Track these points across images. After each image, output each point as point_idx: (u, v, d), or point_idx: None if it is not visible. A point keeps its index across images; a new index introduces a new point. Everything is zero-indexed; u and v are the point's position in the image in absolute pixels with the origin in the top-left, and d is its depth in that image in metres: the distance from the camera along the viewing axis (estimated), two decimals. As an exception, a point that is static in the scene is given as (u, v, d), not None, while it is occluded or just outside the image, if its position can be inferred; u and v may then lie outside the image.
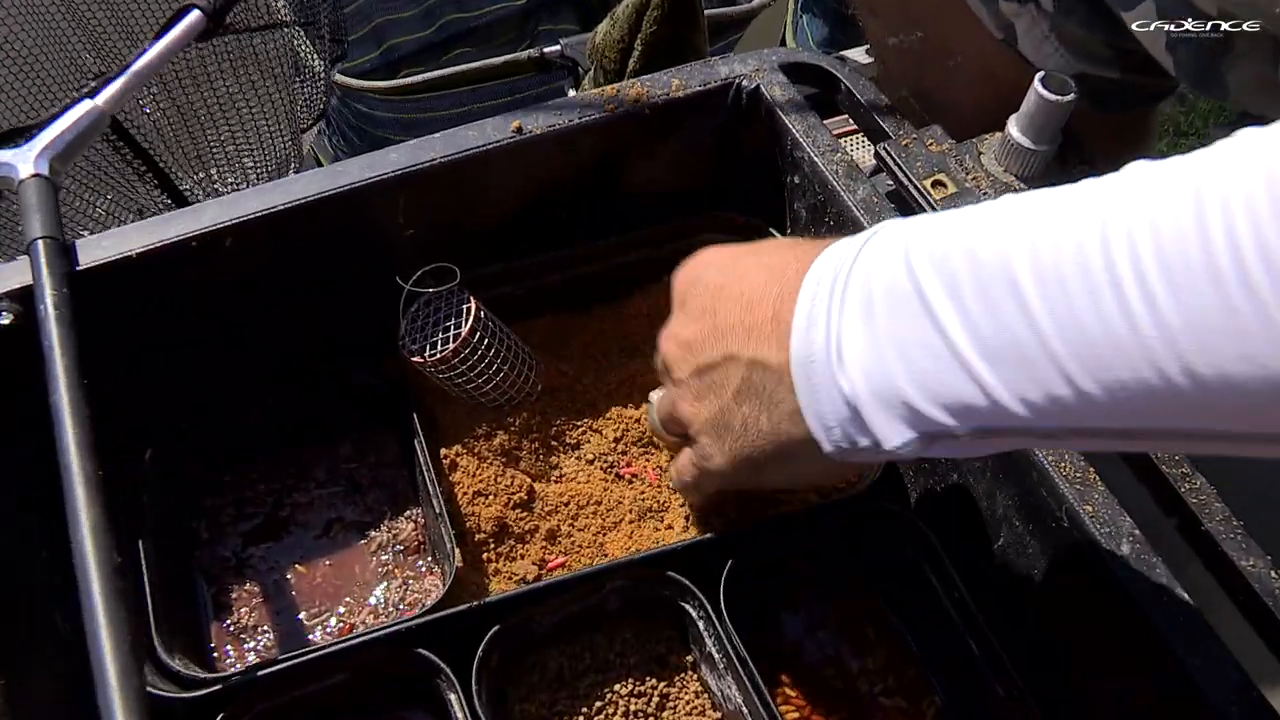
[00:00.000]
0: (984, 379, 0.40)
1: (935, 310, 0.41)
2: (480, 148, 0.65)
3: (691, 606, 0.62)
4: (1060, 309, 0.37)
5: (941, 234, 0.42)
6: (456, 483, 0.68)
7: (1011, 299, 0.38)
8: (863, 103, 0.68)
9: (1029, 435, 0.41)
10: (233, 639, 0.66)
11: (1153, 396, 0.35)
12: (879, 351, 0.43)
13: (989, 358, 0.40)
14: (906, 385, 0.42)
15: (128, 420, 0.67)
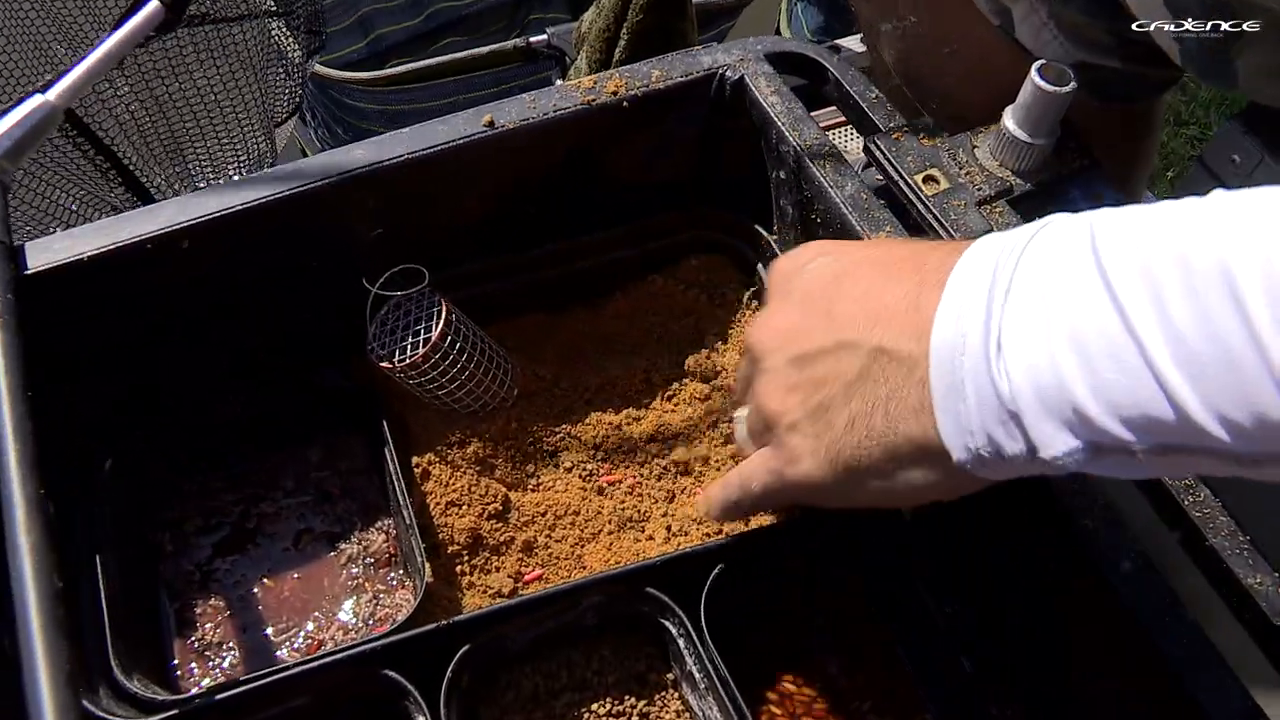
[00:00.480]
0: (1180, 393, 0.36)
1: (1129, 311, 0.36)
2: (450, 143, 0.62)
3: (671, 623, 0.59)
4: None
5: (1140, 229, 0.38)
6: (429, 492, 0.65)
7: (1231, 307, 0.34)
8: (852, 94, 0.65)
9: (1214, 457, 0.37)
10: (197, 656, 0.64)
11: None
12: (1051, 349, 0.38)
13: (1190, 369, 0.35)
14: (1081, 389, 0.37)
15: (85, 428, 0.64)
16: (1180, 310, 0.35)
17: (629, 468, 0.68)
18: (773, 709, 0.63)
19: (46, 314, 0.56)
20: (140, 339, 0.63)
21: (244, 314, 0.65)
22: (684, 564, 0.59)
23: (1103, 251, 0.38)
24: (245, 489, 0.69)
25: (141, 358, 0.63)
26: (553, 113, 0.64)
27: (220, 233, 0.60)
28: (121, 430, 0.65)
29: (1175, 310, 0.35)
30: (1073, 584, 0.55)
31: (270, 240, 0.62)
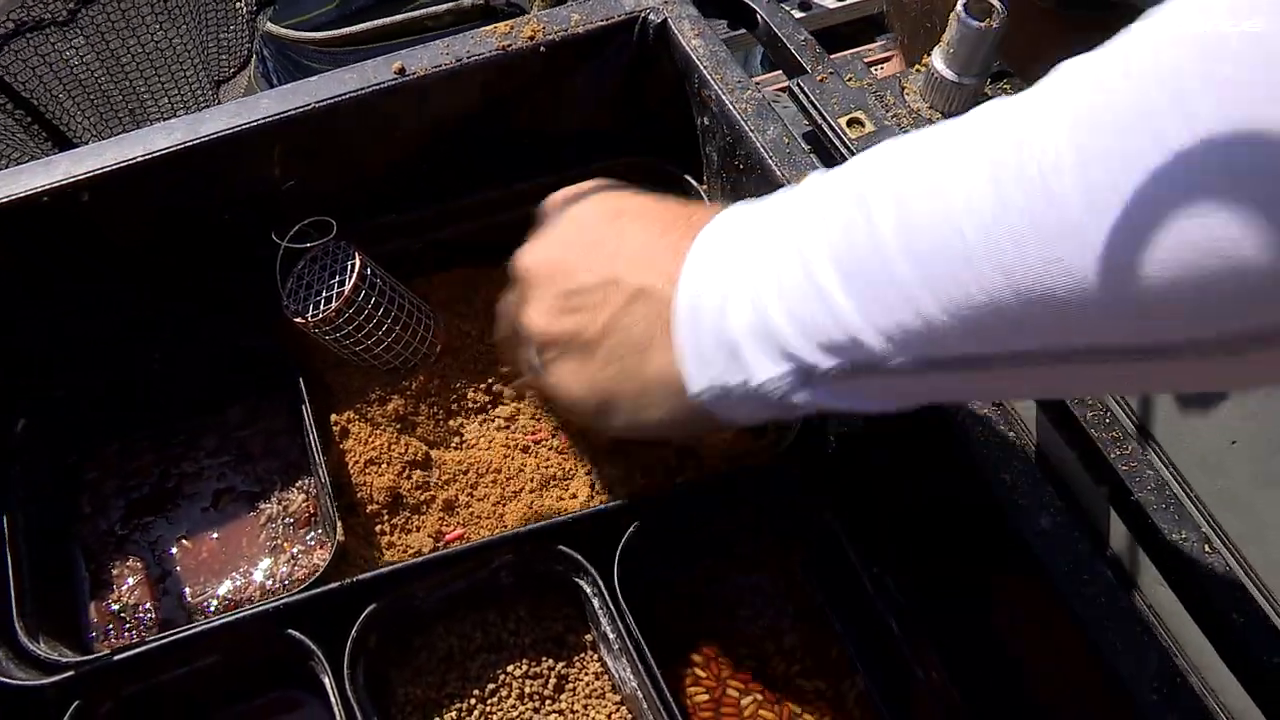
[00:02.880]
0: (845, 312, 0.39)
1: (804, 250, 0.40)
2: (358, 91, 0.60)
3: (585, 583, 0.58)
4: (912, 236, 0.36)
5: (835, 173, 0.41)
6: (348, 451, 0.64)
7: (864, 224, 0.38)
8: (780, 36, 0.63)
9: (891, 375, 0.39)
10: (114, 618, 0.63)
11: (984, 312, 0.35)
12: (761, 291, 0.42)
13: (853, 293, 0.39)
14: (780, 321, 0.41)
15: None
16: (834, 229, 0.39)
17: (553, 424, 0.66)
18: (698, 671, 0.61)
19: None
20: (46, 297, 0.62)
21: (157, 270, 0.64)
22: (597, 522, 0.58)
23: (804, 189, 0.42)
24: (166, 449, 0.67)
25: (49, 317, 0.62)
26: (466, 59, 0.62)
27: (122, 184, 0.58)
28: (34, 391, 0.64)
29: (833, 229, 0.39)
30: (993, 541, 0.53)
31: (177, 192, 0.61)
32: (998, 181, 0.33)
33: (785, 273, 0.41)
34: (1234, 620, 0.48)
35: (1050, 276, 0.32)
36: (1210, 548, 0.50)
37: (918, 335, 0.37)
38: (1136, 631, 0.48)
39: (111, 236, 0.61)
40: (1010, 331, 0.35)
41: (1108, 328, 0.32)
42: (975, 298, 0.34)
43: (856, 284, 0.38)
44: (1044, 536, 0.50)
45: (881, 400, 0.42)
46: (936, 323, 0.36)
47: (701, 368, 0.45)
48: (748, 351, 0.43)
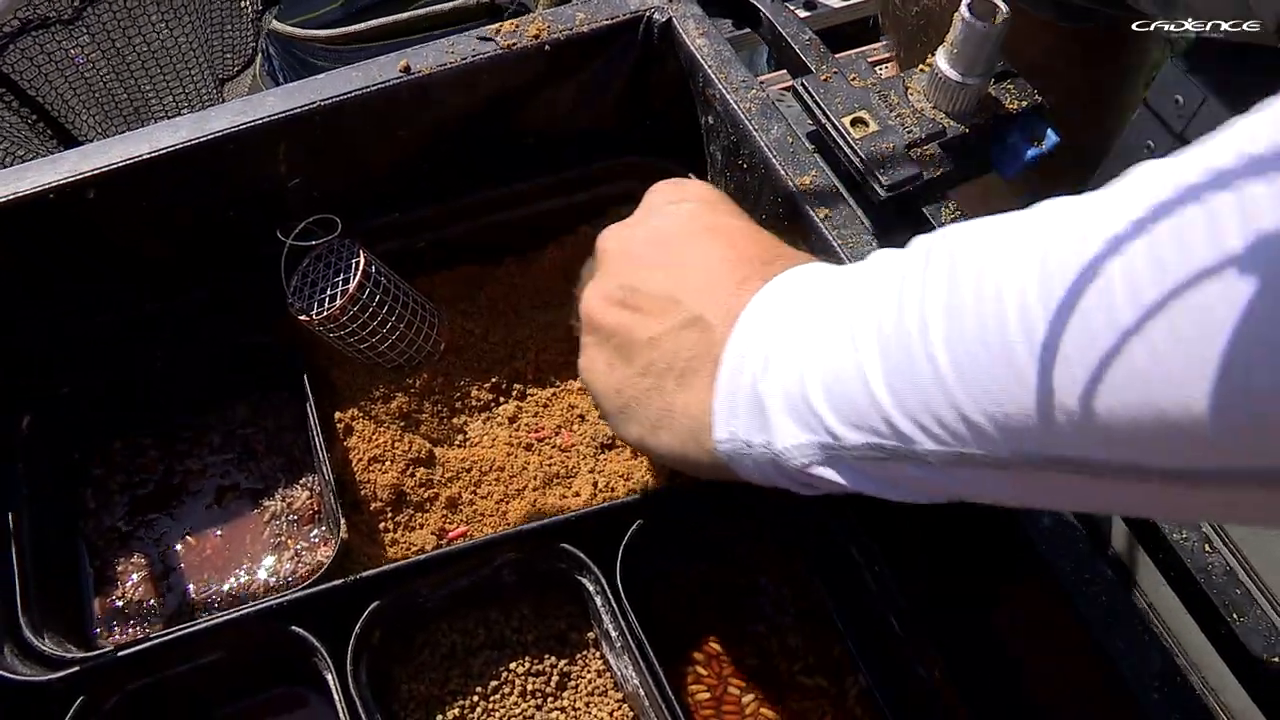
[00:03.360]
0: (880, 395, 0.38)
1: (853, 327, 0.40)
2: (363, 89, 0.60)
3: (588, 581, 0.58)
4: (950, 301, 0.36)
5: (899, 256, 0.41)
6: (352, 448, 0.64)
7: (913, 292, 0.38)
8: (784, 35, 0.63)
9: (923, 467, 0.39)
10: (118, 615, 0.63)
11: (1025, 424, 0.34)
12: (802, 354, 0.42)
13: (890, 376, 0.38)
14: (816, 389, 0.41)
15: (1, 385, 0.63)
16: (890, 326, 0.38)
17: (557, 423, 0.66)
18: (699, 669, 0.61)
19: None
20: (51, 295, 0.62)
21: (162, 267, 0.64)
22: (601, 520, 0.58)
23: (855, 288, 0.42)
24: (171, 446, 0.68)
25: (54, 315, 0.62)
26: (471, 58, 0.62)
27: (128, 182, 0.59)
28: (39, 388, 0.64)
29: (887, 327, 0.38)
30: (994, 541, 0.53)
31: (182, 189, 0.61)
32: (1045, 298, 0.32)
33: (832, 348, 0.41)
34: (1233, 620, 0.48)
35: (1071, 395, 0.31)
36: (1210, 547, 0.50)
37: (953, 431, 0.36)
38: (1138, 631, 0.48)
39: (116, 234, 0.61)
40: (1047, 438, 0.33)
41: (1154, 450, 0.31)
42: (1018, 399, 0.33)
43: (896, 369, 0.38)
44: (1045, 536, 0.50)
45: (910, 490, 0.41)
46: (972, 419, 0.35)
47: (729, 417, 0.45)
48: (774, 413, 0.43)
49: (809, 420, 0.41)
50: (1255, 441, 0.28)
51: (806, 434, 0.42)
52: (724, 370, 0.45)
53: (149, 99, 0.89)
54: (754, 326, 0.45)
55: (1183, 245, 0.28)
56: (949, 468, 0.38)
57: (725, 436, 0.45)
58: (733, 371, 0.45)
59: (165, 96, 0.90)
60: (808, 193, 0.58)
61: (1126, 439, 0.31)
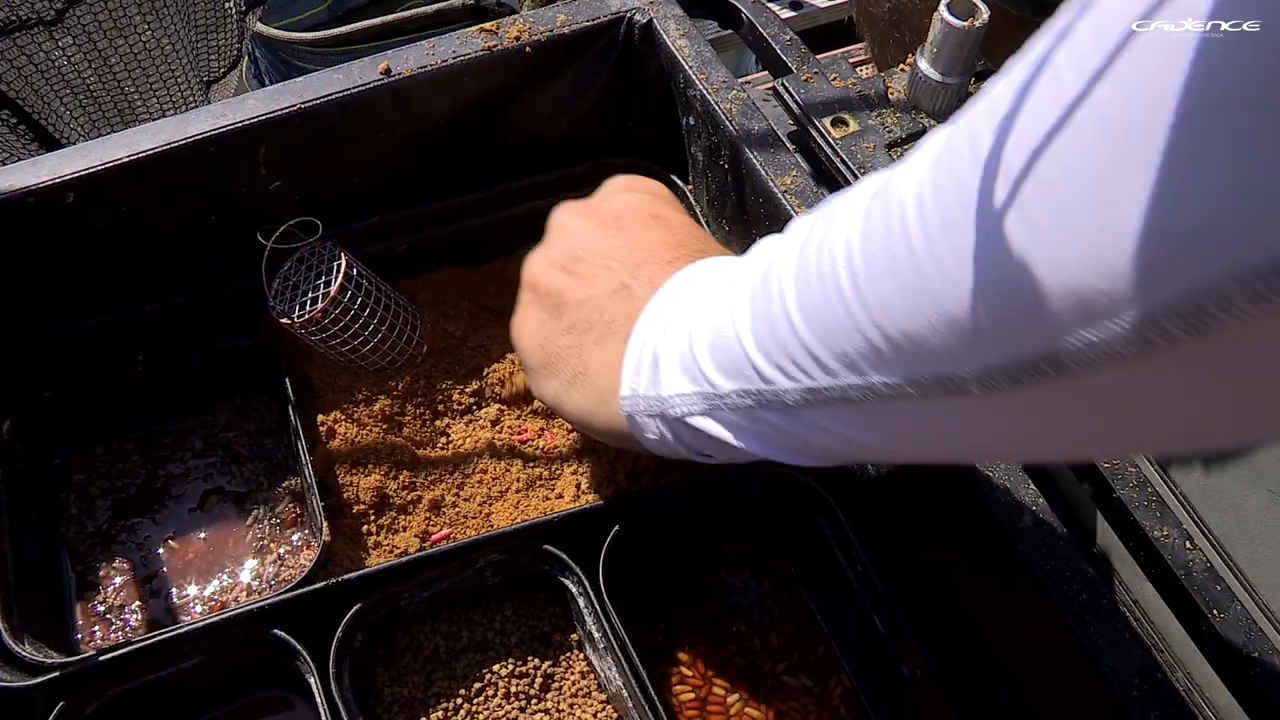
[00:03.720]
0: (742, 328, 0.42)
1: (737, 285, 0.44)
2: (344, 92, 0.60)
3: (571, 582, 0.58)
4: (797, 248, 0.40)
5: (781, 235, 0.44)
6: (334, 451, 0.64)
7: (780, 247, 0.42)
8: (765, 36, 0.63)
9: (784, 413, 0.42)
10: (100, 620, 0.63)
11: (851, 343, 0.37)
12: (696, 319, 0.46)
13: (752, 309, 0.42)
14: (701, 345, 0.45)
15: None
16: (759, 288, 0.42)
17: (540, 425, 0.66)
18: (684, 670, 0.61)
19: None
20: (31, 298, 0.62)
21: (143, 270, 0.64)
22: (583, 522, 0.58)
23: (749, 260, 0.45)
24: (153, 450, 0.67)
25: (35, 317, 0.62)
26: (452, 60, 0.62)
27: (108, 185, 0.59)
28: (20, 392, 0.63)
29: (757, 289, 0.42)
30: (976, 540, 0.53)
31: (163, 193, 0.61)
32: (865, 235, 0.36)
33: (717, 309, 0.44)
34: (1213, 617, 0.48)
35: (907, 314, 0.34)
36: (1192, 544, 0.50)
37: (802, 367, 0.39)
38: (1118, 629, 0.48)
39: (97, 237, 0.61)
40: (877, 363, 0.36)
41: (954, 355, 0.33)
42: (845, 328, 0.37)
43: (759, 314, 0.41)
44: (1026, 534, 0.50)
45: (778, 442, 0.44)
46: (816, 353, 0.39)
47: (633, 376, 0.49)
48: (666, 367, 0.47)
49: (693, 372, 0.45)
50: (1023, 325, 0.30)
51: (691, 385, 0.45)
52: (635, 334, 0.49)
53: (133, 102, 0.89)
54: (666, 298, 0.49)
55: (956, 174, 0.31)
56: (805, 409, 0.41)
57: (627, 394, 0.49)
58: (641, 336, 0.49)
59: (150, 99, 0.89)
60: (788, 193, 0.58)
61: (935, 348, 0.34)
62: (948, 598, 0.56)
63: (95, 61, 0.92)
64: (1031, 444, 0.38)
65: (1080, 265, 0.27)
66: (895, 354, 0.35)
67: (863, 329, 0.36)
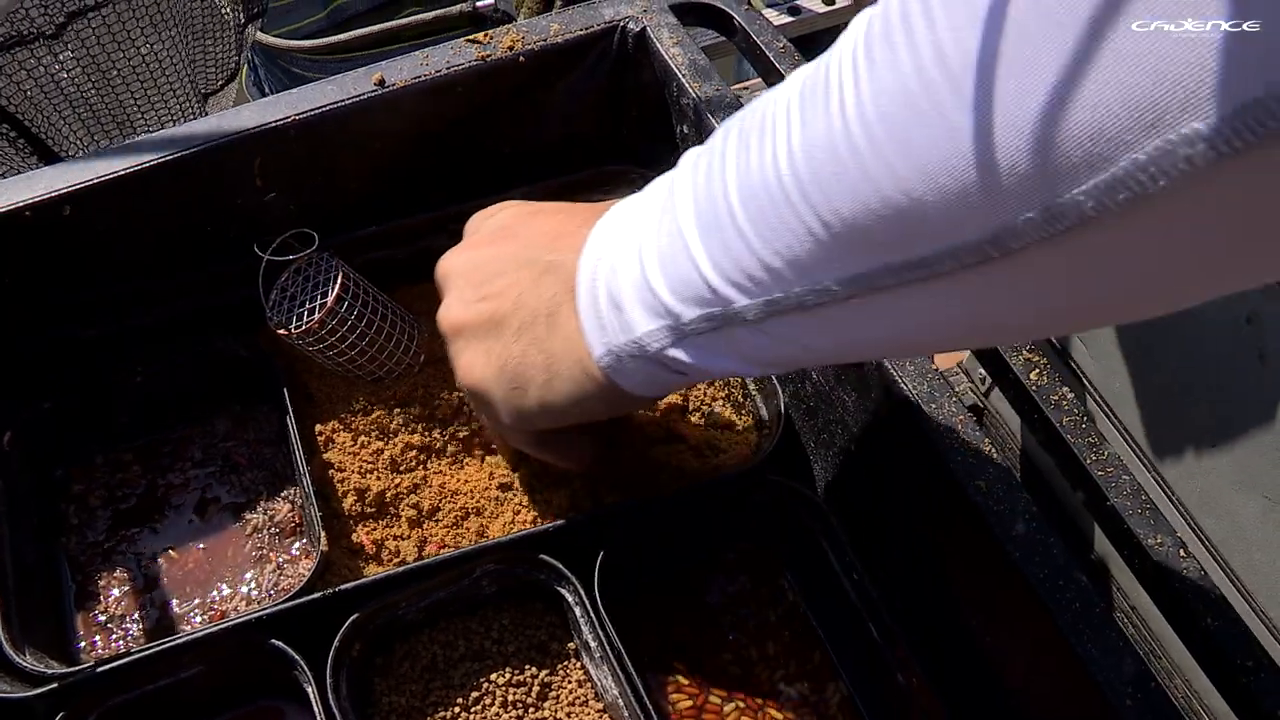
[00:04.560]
0: (698, 257, 0.41)
1: (677, 199, 0.43)
2: (338, 103, 0.61)
3: (567, 592, 0.58)
4: (743, 168, 0.39)
5: (688, 160, 0.44)
6: (332, 461, 0.64)
7: (719, 167, 0.40)
8: (759, 44, 0.63)
9: (748, 328, 0.41)
10: (101, 630, 0.63)
11: (800, 246, 0.37)
12: (640, 248, 0.44)
13: (703, 235, 0.41)
14: (654, 273, 0.43)
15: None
16: (698, 176, 0.41)
17: (537, 434, 0.66)
18: (680, 679, 0.61)
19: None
20: (30, 310, 0.62)
21: (141, 282, 0.64)
22: (579, 531, 0.58)
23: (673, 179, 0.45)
24: (153, 460, 0.68)
25: (34, 329, 0.63)
26: (446, 70, 0.62)
27: (105, 198, 0.59)
28: (20, 403, 0.64)
29: (697, 178, 0.42)
30: (970, 548, 0.53)
31: (160, 205, 0.61)
32: (803, 118, 0.36)
33: (662, 230, 0.43)
34: (1208, 625, 0.48)
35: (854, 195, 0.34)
36: (1186, 552, 0.50)
37: (757, 280, 0.39)
38: (1112, 637, 0.48)
39: (94, 249, 0.61)
40: (827, 262, 0.36)
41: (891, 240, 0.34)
42: (795, 231, 0.36)
43: (708, 233, 0.40)
44: (1019, 542, 0.50)
45: (746, 360, 0.44)
46: (769, 263, 0.38)
47: (599, 332, 0.47)
48: (629, 307, 0.45)
49: (654, 305, 0.44)
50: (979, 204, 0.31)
51: (655, 320, 0.44)
52: (581, 292, 0.47)
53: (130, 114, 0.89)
54: (597, 245, 0.47)
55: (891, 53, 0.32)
56: (766, 322, 0.40)
57: (602, 351, 0.47)
58: (588, 290, 0.47)
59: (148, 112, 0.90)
60: (782, 201, 0.58)
61: (882, 238, 0.34)
62: (943, 606, 0.57)
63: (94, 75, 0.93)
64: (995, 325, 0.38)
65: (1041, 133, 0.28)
66: (848, 250, 0.35)
67: (812, 229, 0.36)
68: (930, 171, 0.31)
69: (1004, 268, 0.32)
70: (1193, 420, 0.61)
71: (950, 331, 0.39)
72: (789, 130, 0.36)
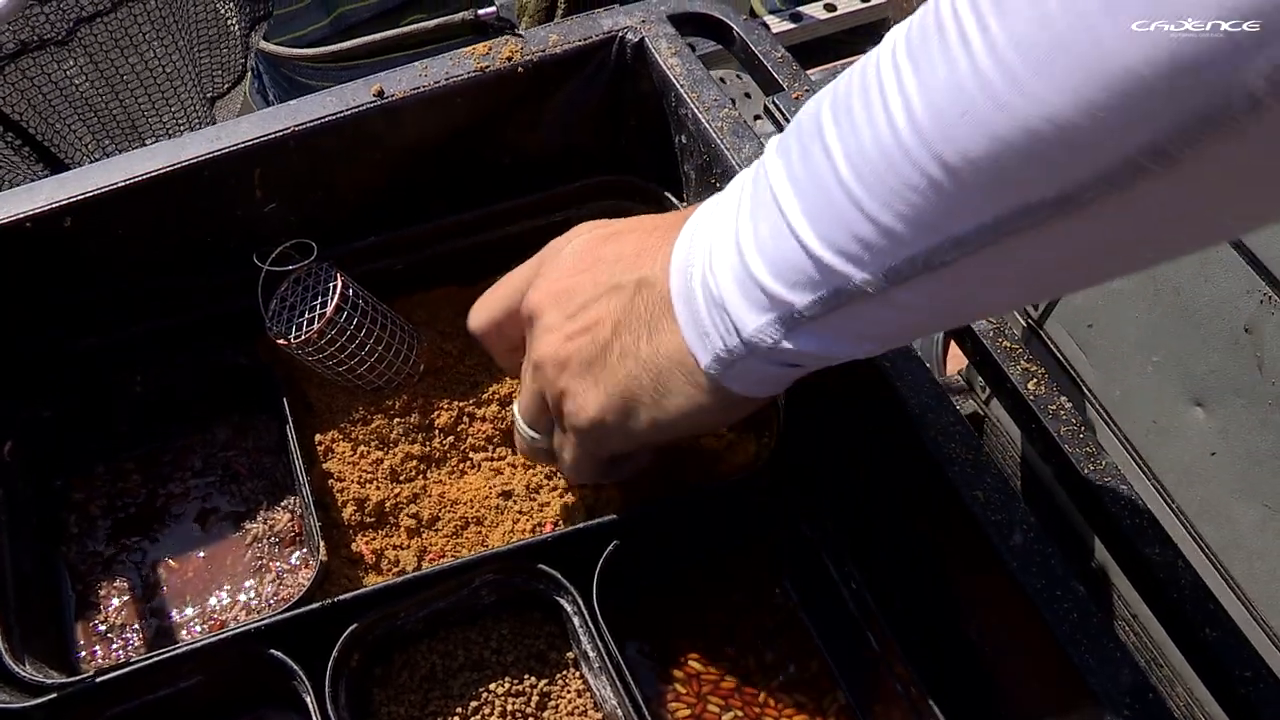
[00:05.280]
0: (806, 238, 0.40)
1: (774, 186, 0.41)
2: (337, 114, 0.61)
3: (566, 601, 0.58)
4: (848, 136, 0.37)
5: (781, 145, 0.42)
6: (331, 470, 0.64)
7: (818, 142, 0.39)
8: (757, 54, 0.63)
9: (867, 302, 0.40)
10: (100, 639, 0.63)
11: (925, 203, 0.35)
12: (738, 243, 0.43)
13: (810, 214, 0.39)
14: (758, 266, 0.42)
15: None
16: (798, 165, 0.40)
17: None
18: (679, 688, 0.61)
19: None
20: (31, 320, 0.62)
21: (141, 292, 0.64)
22: (577, 541, 0.58)
23: (768, 147, 0.43)
24: (153, 470, 0.68)
25: (35, 339, 0.63)
26: (445, 81, 0.62)
27: (105, 209, 0.59)
28: (21, 413, 0.64)
29: (796, 166, 0.40)
30: (967, 557, 0.53)
31: (160, 216, 0.61)
32: (916, 67, 0.35)
33: (759, 221, 0.42)
34: (1206, 635, 0.48)
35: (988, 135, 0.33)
36: (1184, 562, 0.50)
37: (876, 249, 0.38)
38: (1109, 647, 0.48)
39: (94, 260, 0.61)
40: (956, 214, 0.35)
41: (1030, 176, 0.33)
42: (918, 187, 0.35)
43: (816, 212, 0.39)
44: (1016, 552, 0.50)
45: (863, 337, 0.43)
46: (883, 224, 0.37)
47: (702, 338, 0.45)
48: (733, 306, 0.43)
49: (760, 299, 0.42)
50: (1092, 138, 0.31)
51: (763, 314, 0.42)
52: (678, 304, 0.46)
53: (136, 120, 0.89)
54: (685, 253, 0.46)
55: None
56: (889, 291, 0.39)
57: (709, 359, 0.45)
58: (685, 299, 0.46)
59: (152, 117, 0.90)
60: (779, 211, 0.58)
61: (1021, 175, 0.33)
62: (941, 615, 0.57)
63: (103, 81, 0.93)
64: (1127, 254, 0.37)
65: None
66: (970, 198, 0.34)
67: (938, 182, 0.34)
68: (1080, 90, 0.30)
69: (1162, 181, 0.31)
70: (1192, 429, 0.61)
71: (1081, 270, 0.38)
72: (900, 84, 0.35)
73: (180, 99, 0.91)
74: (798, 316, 0.42)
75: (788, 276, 0.41)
